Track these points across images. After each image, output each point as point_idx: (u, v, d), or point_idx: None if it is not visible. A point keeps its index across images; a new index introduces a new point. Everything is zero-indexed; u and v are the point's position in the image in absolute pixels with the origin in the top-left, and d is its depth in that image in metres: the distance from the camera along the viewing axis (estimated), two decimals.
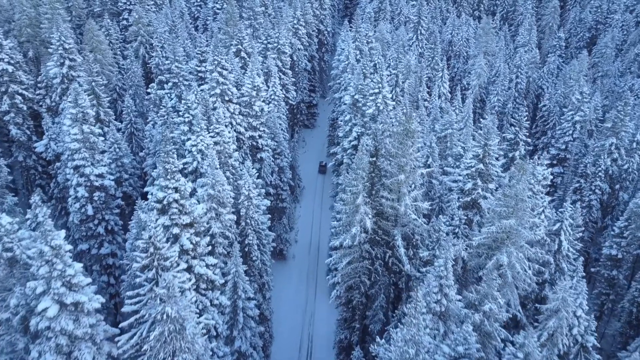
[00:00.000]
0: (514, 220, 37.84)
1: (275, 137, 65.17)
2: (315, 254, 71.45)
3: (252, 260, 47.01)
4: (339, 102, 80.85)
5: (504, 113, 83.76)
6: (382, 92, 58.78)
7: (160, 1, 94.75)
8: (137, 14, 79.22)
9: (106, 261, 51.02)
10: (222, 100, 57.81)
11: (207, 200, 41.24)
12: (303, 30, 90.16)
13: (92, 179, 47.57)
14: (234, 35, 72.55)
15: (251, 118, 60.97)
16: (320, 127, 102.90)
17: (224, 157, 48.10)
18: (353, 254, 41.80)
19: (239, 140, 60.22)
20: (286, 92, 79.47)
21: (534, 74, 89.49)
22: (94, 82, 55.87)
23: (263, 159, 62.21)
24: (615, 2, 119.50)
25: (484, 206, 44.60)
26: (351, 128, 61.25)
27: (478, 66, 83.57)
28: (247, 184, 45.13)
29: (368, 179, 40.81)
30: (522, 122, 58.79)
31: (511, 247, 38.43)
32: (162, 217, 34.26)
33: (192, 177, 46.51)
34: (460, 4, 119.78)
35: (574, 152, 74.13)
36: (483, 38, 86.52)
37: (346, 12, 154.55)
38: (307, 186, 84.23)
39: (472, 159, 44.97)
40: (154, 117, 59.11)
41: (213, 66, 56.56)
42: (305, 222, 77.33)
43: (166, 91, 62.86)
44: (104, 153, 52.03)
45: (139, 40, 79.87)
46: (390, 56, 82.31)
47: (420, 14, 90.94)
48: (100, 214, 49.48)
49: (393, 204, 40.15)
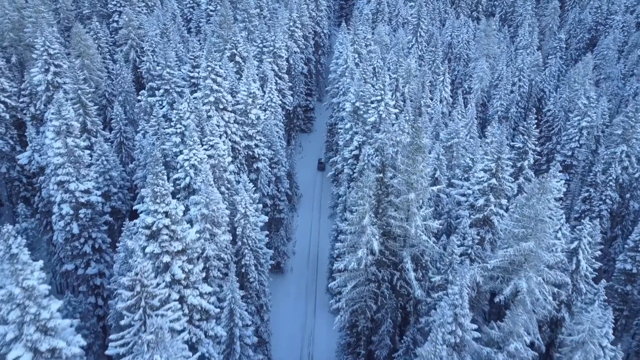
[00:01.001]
0: (533, 242, 34.73)
1: (272, 145, 61.82)
2: (314, 266, 68.15)
3: (249, 282, 43.67)
4: (337, 107, 77.63)
5: (507, 118, 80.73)
6: (385, 99, 55.49)
7: (152, 2, 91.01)
8: (127, 17, 75.56)
9: (93, 281, 47.53)
10: (217, 108, 54.40)
11: (201, 220, 37.88)
12: (299, 33, 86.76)
13: (77, 195, 44.08)
14: (228, 38, 69.09)
15: (247, 126, 57.58)
16: (317, 131, 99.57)
17: (218, 171, 44.71)
18: (359, 277, 38.55)
19: (234, 149, 56.84)
20: (283, 97, 76.11)
21: (536, 77, 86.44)
22: (80, 90, 52.27)
23: (259, 169, 58.84)
24: (615, 3, 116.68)
25: (497, 224, 41.47)
26: (352, 137, 57.95)
27: (480, 69, 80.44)
28: (243, 201, 41.77)
29: (374, 196, 37.53)
30: (531, 130, 55.59)
31: (530, 271, 35.32)
32: (151, 244, 30.88)
33: (184, 194, 43.15)
34: (459, 4, 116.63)
35: (580, 158, 71.29)
36: (484, 40, 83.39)
37: (342, 13, 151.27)
38: (304, 194, 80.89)
39: (484, 173, 41.78)
40: (145, 126, 55.61)
41: (207, 73, 53.12)
42: (303, 231, 74.01)
43: (157, 98, 59.35)
44: (90, 166, 48.55)
45: (129, 43, 76.24)
46: (389, 59, 79.06)
47: (420, 16, 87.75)
48: (86, 231, 45.99)
49: (402, 224, 36.92)
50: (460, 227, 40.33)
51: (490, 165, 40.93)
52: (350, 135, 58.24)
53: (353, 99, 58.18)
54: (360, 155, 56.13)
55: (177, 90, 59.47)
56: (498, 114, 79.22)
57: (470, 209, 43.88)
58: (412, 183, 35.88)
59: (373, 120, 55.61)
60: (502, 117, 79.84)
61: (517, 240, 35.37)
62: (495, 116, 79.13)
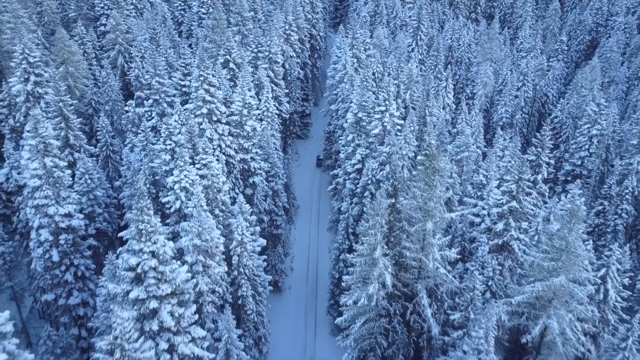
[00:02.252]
0: (563, 276, 30.83)
1: (268, 157, 57.54)
2: (314, 283, 63.98)
3: (246, 314, 39.54)
4: (336, 115, 73.47)
5: (512, 124, 76.88)
6: (390, 109, 51.41)
7: (141, 5, 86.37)
8: (114, 20, 70.93)
9: (76, 312, 43.20)
10: (210, 120, 50.11)
11: (193, 251, 33.67)
12: (295, 36, 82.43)
13: (57, 220, 39.72)
14: (221, 44, 64.67)
15: (242, 139, 53.32)
16: (313, 137, 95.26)
17: (212, 192, 40.44)
18: (369, 313, 34.46)
19: (229, 164, 52.61)
20: (279, 104, 71.82)
21: (541, 81, 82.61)
22: (62, 102, 47.77)
23: (256, 184, 54.62)
24: (616, 4, 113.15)
25: (517, 249, 37.55)
26: (354, 149, 53.86)
27: (484, 74, 76.46)
28: (239, 227, 37.57)
29: (386, 223, 33.45)
30: (544, 142, 51.79)
31: (560, 309, 31.43)
32: (135, 288, 26.60)
33: (175, 218, 38.87)
34: (457, 6, 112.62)
35: (590, 168, 67.51)
36: (487, 44, 79.42)
37: (336, 14, 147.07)
38: (302, 203, 76.51)
39: (503, 194, 37.81)
40: (133, 139, 51.21)
41: (199, 83, 48.77)
42: (302, 245, 69.75)
43: (146, 109, 54.96)
44: (73, 186, 44.20)
45: (117, 49, 71.66)
46: (389, 64, 75.01)
47: (420, 18, 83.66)
48: (67, 258, 41.62)
49: (417, 255, 32.86)
50: (479, 254, 36.37)
51: (511, 186, 36.94)
52: (353, 148, 54.16)
53: (355, 109, 54.06)
54: (363, 170, 52.15)
55: (167, 101, 55.13)
56: (503, 121, 75.31)
57: (487, 232, 39.94)
58: (429, 210, 31.81)
59: (377, 132, 51.52)
60: (506, 124, 75.96)
61: (546, 274, 31.49)
62: (499, 123, 75.27)
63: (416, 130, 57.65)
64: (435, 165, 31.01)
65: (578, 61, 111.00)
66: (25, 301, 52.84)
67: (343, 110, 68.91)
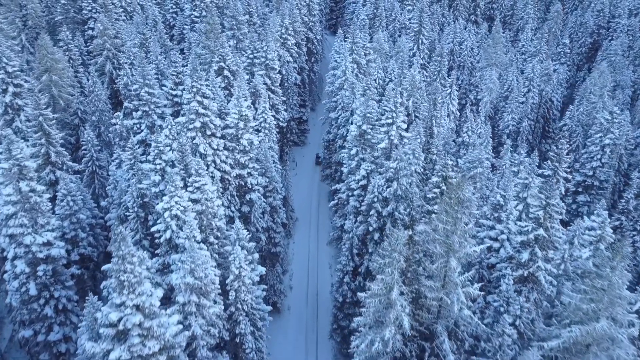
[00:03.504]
0: (605, 322, 26.94)
1: (266, 172, 53.40)
2: (314, 302, 59.98)
3: (245, 352, 35.44)
4: (336, 123, 69.40)
5: (519, 132, 73.10)
6: (397, 122, 47.39)
7: (131, 8, 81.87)
8: (102, 25, 66.43)
9: (57, 348, 38.95)
10: (203, 134, 45.91)
11: (185, 290, 29.54)
12: (292, 40, 78.21)
13: (34, 250, 35.46)
14: (215, 50, 60.43)
15: (238, 153, 49.13)
16: (311, 144, 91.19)
17: (206, 218, 36.24)
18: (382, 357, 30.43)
19: (224, 180, 48.42)
20: (276, 112, 67.63)
21: (547, 86, 78.84)
22: (42, 116, 43.44)
23: (253, 200, 50.46)
24: (618, 6, 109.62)
25: (544, 280, 33.66)
26: (358, 164, 49.82)
27: (489, 80, 72.55)
28: (237, 260, 33.46)
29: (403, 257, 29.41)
30: (562, 156, 48.11)
31: (601, 355, 27.55)
32: (117, 347, 22.46)
33: (165, 248, 34.64)
34: (457, 8, 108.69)
35: (602, 178, 63.84)
36: (492, 48, 75.54)
37: (332, 16, 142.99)
38: (300, 216, 72.47)
39: (528, 221, 33.88)
40: (120, 154, 46.97)
41: (191, 94, 44.50)
42: (301, 260, 65.67)
43: (135, 121, 50.64)
44: (54, 209, 39.98)
45: (105, 55, 67.18)
46: (391, 70, 71.02)
47: (422, 22, 79.59)
48: (47, 291, 37.38)
49: (438, 294, 28.88)
50: (502, 288, 32.43)
51: (537, 212, 33.01)
52: (357, 163, 50.12)
53: (359, 121, 49.98)
54: (368, 186, 48.13)
55: (158, 112, 50.85)
56: (509, 129, 71.49)
57: (508, 260, 36.05)
58: (452, 244, 27.81)
59: (383, 147, 47.51)
60: (512, 132, 72.13)
61: (583, 316, 27.59)
62: (506, 131, 71.46)
63: (423, 142, 53.74)
64: (460, 196, 27.01)
65: (580, 64, 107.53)
66: (5, 330, 48.53)
67: (344, 119, 64.93)
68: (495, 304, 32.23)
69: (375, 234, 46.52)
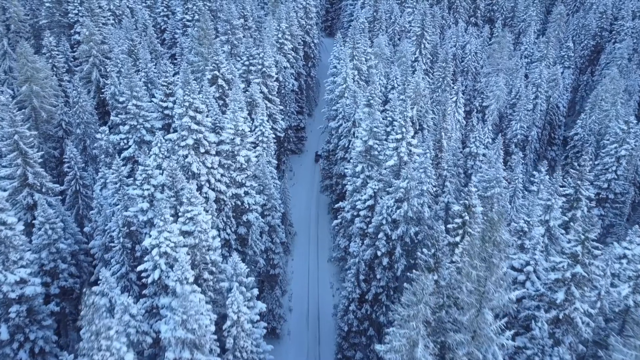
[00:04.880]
0: None
1: (264, 189, 49.10)
2: (316, 325, 55.71)
3: None
4: (336, 133, 65.05)
5: (527, 141, 69.14)
6: (406, 137, 43.21)
7: (120, 11, 77.17)
8: (88, 30, 61.70)
9: None
10: (197, 152, 41.56)
11: (176, 345, 25.24)
12: (289, 45, 73.83)
13: (5, 289, 31.02)
14: (208, 57, 56.01)
15: (235, 171, 44.85)
16: (308, 151, 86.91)
17: (200, 253, 31.94)
18: None
19: (219, 201, 44.12)
20: (273, 122, 63.35)
21: (554, 92, 74.94)
22: (18, 134, 38.92)
23: (250, 222, 46.18)
24: (622, 8, 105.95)
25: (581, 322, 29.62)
26: (364, 182, 45.62)
27: (496, 87, 68.48)
28: (235, 304, 29.16)
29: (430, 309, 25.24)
30: (584, 173, 44.13)
31: None
32: None
33: (153, 289, 30.34)
34: (457, 10, 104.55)
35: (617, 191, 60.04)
36: (498, 53, 71.52)
37: (327, 17, 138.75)
38: (299, 230, 68.20)
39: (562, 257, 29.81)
40: (105, 173, 42.51)
41: (183, 109, 40.11)
42: (301, 279, 61.31)
43: (122, 136, 46.23)
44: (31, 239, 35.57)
45: (91, 61, 62.51)
46: (393, 76, 66.84)
47: (424, 25, 75.41)
48: (21, 333, 32.95)
49: (469, 349, 24.72)
50: (536, 334, 28.38)
51: (575, 249, 28.92)
52: (362, 180, 45.91)
53: (364, 136, 45.72)
54: (376, 206, 44.02)
55: (147, 126, 46.46)
56: (517, 138, 67.50)
57: (538, 298, 31.97)
58: (485, 293, 23.68)
59: (392, 164, 43.33)
60: (521, 141, 68.15)
61: None
62: (514, 140, 67.47)
63: (432, 156, 49.63)
64: (496, 238, 22.86)
65: (582, 67, 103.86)
66: None
67: (345, 130, 60.64)
68: (529, 352, 28.18)
69: (384, 259, 42.48)
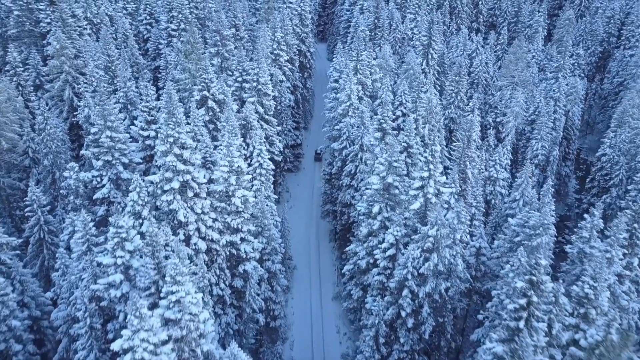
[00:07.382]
0: None
1: (263, 230, 41.56)
2: None
3: None
4: (340, 155, 57.50)
5: (549, 162, 62.10)
6: (434, 175, 35.82)
7: (98, 19, 68.91)
8: (59, 43, 53.56)
9: None
10: (183, 196, 33.85)
11: None
12: (284, 57, 66.14)
13: None
14: (196, 74, 48.27)
15: (229, 215, 37.14)
16: (305, 169, 79.51)
17: (189, 348, 24.25)
18: None
19: (211, 251, 36.44)
20: (270, 145, 55.76)
21: (573, 107, 68.09)
22: None
23: (248, 273, 38.52)
24: (630, 12, 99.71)
25: None
26: (382, 225, 38.16)
27: (514, 103, 61.31)
28: None
29: None
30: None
31: None
32: None
33: None
34: (459, 15, 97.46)
35: None
36: (513, 65, 64.47)
37: (320, 22, 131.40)
38: (298, 262, 60.66)
39: None
40: (73, 220, 34.67)
41: (167, 145, 32.36)
42: (302, 322, 53.48)
43: (94, 173, 38.26)
44: None
45: (63, 78, 54.38)
46: (401, 92, 59.39)
47: (431, 34, 68.14)
48: None
49: None
50: None
51: None
52: (380, 223, 38.43)
53: (382, 171, 38.16)
54: (397, 256, 36.63)
55: (124, 161, 38.56)
56: (538, 159, 60.44)
57: None
58: None
59: (417, 207, 35.90)
60: (541, 161, 61.10)
61: None
62: (534, 161, 60.41)
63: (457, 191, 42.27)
64: None
65: (589, 75, 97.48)
66: None
67: (352, 154, 53.12)
68: None
69: (409, 320, 35.17)
